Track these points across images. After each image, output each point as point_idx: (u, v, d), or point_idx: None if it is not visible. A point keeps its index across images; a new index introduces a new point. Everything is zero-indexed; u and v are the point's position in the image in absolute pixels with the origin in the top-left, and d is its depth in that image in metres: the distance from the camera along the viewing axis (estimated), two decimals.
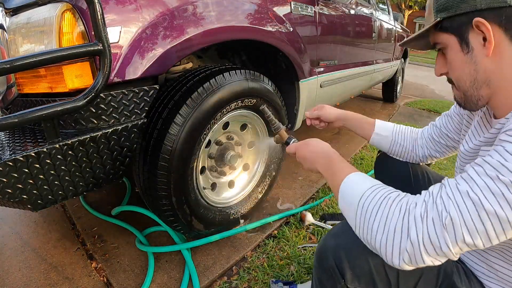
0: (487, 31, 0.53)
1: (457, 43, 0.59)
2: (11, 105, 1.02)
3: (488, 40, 0.54)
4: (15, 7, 0.88)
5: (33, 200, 0.80)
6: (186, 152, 1.04)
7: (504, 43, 0.54)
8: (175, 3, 0.98)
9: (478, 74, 0.58)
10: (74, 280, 1.15)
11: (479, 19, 0.53)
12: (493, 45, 0.54)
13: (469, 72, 0.59)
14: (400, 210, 0.51)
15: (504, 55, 0.54)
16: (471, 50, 0.57)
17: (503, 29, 0.53)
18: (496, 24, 0.53)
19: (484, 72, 0.57)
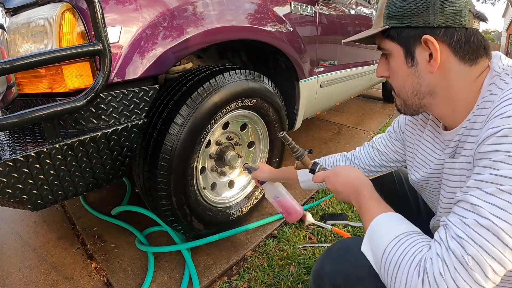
0: (435, 50, 0.53)
1: (402, 55, 0.58)
2: (11, 105, 1.02)
3: (434, 58, 0.54)
4: (15, 7, 0.88)
5: (33, 200, 0.80)
6: (186, 152, 1.04)
7: (451, 61, 0.54)
8: (175, 3, 0.98)
9: (421, 87, 0.58)
10: (74, 280, 1.15)
11: (428, 37, 0.53)
12: (438, 63, 0.54)
13: (411, 84, 0.59)
14: (418, 272, 0.45)
15: (452, 72, 0.55)
16: (415, 64, 0.57)
17: (452, 49, 0.53)
18: (446, 44, 0.53)
19: (427, 85, 0.57)
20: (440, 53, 0.53)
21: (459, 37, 0.53)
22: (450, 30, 0.53)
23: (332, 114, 3.29)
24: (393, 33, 0.58)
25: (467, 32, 0.53)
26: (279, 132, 0.90)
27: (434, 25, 0.53)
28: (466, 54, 0.54)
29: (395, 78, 0.62)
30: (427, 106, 0.60)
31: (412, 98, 0.60)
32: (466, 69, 0.54)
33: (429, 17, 0.53)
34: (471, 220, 0.43)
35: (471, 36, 0.53)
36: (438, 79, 0.56)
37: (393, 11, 0.57)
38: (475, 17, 0.54)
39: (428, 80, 0.57)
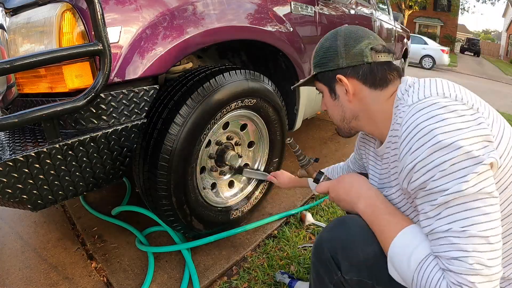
0: (346, 85, 0.69)
1: (327, 92, 0.75)
2: (11, 105, 1.02)
3: (347, 91, 0.69)
4: (15, 7, 0.88)
5: (33, 200, 0.80)
6: (186, 152, 1.04)
7: (363, 90, 0.68)
8: (175, 3, 0.98)
9: (346, 114, 0.73)
10: (74, 280, 1.15)
11: (339, 76, 0.69)
12: (352, 94, 0.69)
13: (338, 113, 0.75)
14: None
15: (366, 98, 0.69)
16: (337, 97, 0.73)
17: (361, 81, 0.68)
18: (355, 78, 0.68)
19: (350, 112, 0.72)
20: (352, 86, 0.69)
21: (364, 71, 0.67)
22: (356, 67, 0.67)
23: None
24: (319, 77, 0.75)
25: (371, 66, 0.67)
26: (287, 138, 0.94)
27: (343, 66, 0.68)
28: (374, 82, 0.67)
29: (328, 109, 0.78)
30: (356, 127, 0.75)
31: (341, 123, 0.76)
32: (377, 93, 0.68)
33: (338, 60, 0.69)
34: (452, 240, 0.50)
35: (375, 68, 0.67)
36: (357, 105, 0.70)
37: (316, 61, 0.74)
38: (379, 52, 0.67)
39: (350, 107, 0.72)
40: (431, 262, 0.53)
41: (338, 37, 0.70)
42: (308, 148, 2.39)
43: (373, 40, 0.68)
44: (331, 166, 1.16)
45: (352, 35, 0.69)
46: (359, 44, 0.67)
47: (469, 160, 0.49)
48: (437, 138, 0.51)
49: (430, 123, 0.52)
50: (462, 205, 0.49)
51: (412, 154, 0.54)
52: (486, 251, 0.47)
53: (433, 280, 0.51)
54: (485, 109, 0.57)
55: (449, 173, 0.50)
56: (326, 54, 0.71)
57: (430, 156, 0.51)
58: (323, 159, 2.21)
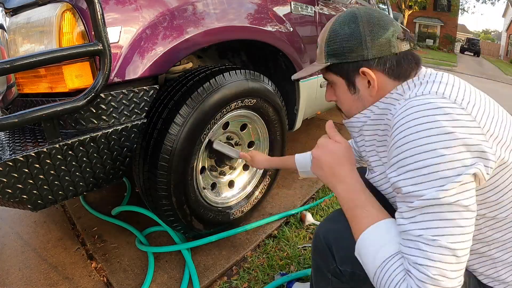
0: (372, 79, 0.62)
1: (345, 85, 0.67)
2: (11, 105, 1.02)
3: (372, 85, 0.63)
4: (15, 7, 0.88)
5: (33, 200, 0.80)
6: (186, 152, 1.04)
7: (387, 83, 0.63)
8: (175, 3, 0.99)
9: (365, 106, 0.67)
10: (74, 280, 1.15)
11: (365, 69, 0.62)
12: (376, 89, 0.63)
13: (357, 107, 0.68)
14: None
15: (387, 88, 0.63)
16: (357, 91, 0.66)
17: (387, 74, 0.62)
18: (380, 71, 0.62)
19: (370, 104, 0.66)
20: (377, 79, 0.62)
21: (391, 63, 0.61)
22: (383, 59, 0.61)
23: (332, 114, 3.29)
24: (334, 67, 0.66)
25: (398, 57, 0.61)
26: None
27: (369, 57, 0.61)
28: (399, 74, 0.62)
29: (343, 104, 0.71)
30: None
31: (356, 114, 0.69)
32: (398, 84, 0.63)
33: (363, 51, 0.61)
34: (419, 248, 0.49)
35: (401, 59, 0.62)
36: (378, 97, 0.64)
37: (332, 49, 0.65)
38: (403, 41, 0.62)
39: (371, 101, 0.65)
40: (396, 261, 0.52)
41: (361, 23, 0.61)
42: (308, 148, 2.38)
43: (397, 27, 0.62)
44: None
45: (377, 21, 0.61)
46: (386, 32, 0.60)
47: (453, 170, 0.48)
48: (425, 140, 0.49)
49: (420, 122, 0.51)
50: (438, 214, 0.48)
51: (397, 148, 0.53)
52: (451, 263, 0.47)
53: (394, 280, 0.50)
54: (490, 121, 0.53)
55: (430, 180, 0.49)
56: (348, 42, 0.62)
57: (414, 157, 0.50)
58: None
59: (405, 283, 0.49)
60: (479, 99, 0.55)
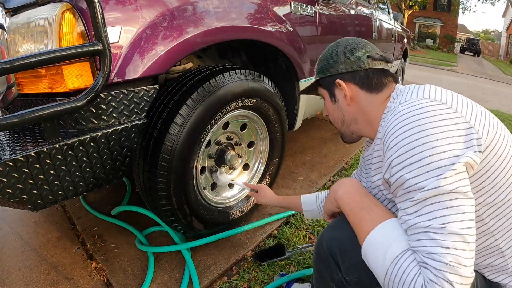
0: (344, 89, 0.75)
1: (328, 96, 0.81)
2: (11, 105, 1.02)
3: (346, 95, 0.75)
4: (15, 7, 0.88)
5: (33, 200, 0.80)
6: (186, 152, 1.04)
7: (360, 94, 0.74)
8: (175, 3, 0.98)
9: (345, 117, 0.79)
10: (74, 280, 1.15)
11: (338, 80, 0.75)
12: (349, 98, 0.75)
13: (338, 116, 0.81)
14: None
15: (363, 101, 0.74)
16: (337, 101, 0.79)
17: (359, 85, 0.74)
18: (352, 83, 0.74)
19: (349, 114, 0.77)
20: (350, 90, 0.75)
21: (361, 76, 0.73)
22: (354, 73, 0.74)
23: None
24: (321, 82, 0.82)
25: (367, 71, 0.73)
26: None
27: (342, 71, 0.75)
28: (370, 86, 0.73)
29: (329, 114, 0.84)
30: (356, 131, 0.80)
31: (342, 127, 0.82)
32: (373, 96, 0.73)
33: (338, 67, 0.75)
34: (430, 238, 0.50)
35: (371, 73, 0.73)
36: (355, 108, 0.76)
37: (319, 67, 0.81)
38: (375, 60, 0.73)
39: (348, 111, 0.77)
40: (409, 257, 0.52)
41: (339, 46, 0.77)
42: (308, 148, 2.39)
43: (371, 49, 0.75)
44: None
45: (351, 44, 0.76)
46: (357, 52, 0.74)
47: (447, 160, 0.50)
48: (415, 136, 0.53)
49: (408, 122, 0.55)
50: (441, 203, 0.50)
51: (391, 149, 0.56)
52: (464, 250, 0.48)
53: (409, 275, 0.50)
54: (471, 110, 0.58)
55: (427, 171, 0.51)
56: (328, 61, 0.78)
57: (407, 153, 0.53)
58: (323, 159, 2.21)
59: (422, 276, 0.49)
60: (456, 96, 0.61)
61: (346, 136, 0.83)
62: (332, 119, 0.84)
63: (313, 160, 2.17)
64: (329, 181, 1.91)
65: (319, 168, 2.06)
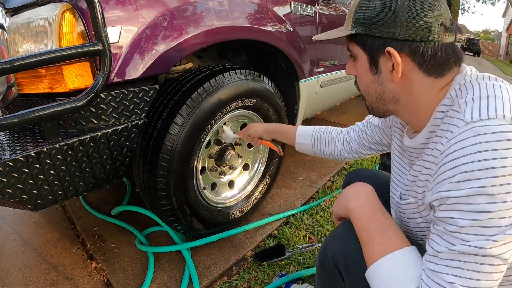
0: (397, 63, 0.53)
1: (367, 62, 0.58)
2: (11, 105, 1.02)
3: (395, 70, 0.54)
4: (15, 7, 0.88)
5: (33, 200, 0.80)
6: (186, 152, 1.04)
7: (415, 73, 0.54)
8: (175, 3, 0.98)
9: (384, 94, 0.59)
10: (74, 280, 1.15)
11: (391, 49, 0.53)
12: (399, 75, 0.54)
13: (375, 90, 0.60)
14: None
15: (415, 83, 0.55)
16: (379, 72, 0.57)
17: (416, 63, 0.53)
18: (409, 57, 0.53)
19: (390, 93, 0.58)
20: (404, 65, 0.54)
21: (424, 51, 0.52)
22: (415, 44, 0.52)
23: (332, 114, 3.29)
24: (359, 38, 0.58)
25: (435, 46, 0.52)
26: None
27: (399, 37, 0.52)
28: (431, 67, 0.53)
29: (361, 82, 0.63)
30: (392, 111, 0.62)
31: (376, 103, 0.62)
32: (430, 81, 0.55)
33: (395, 28, 0.52)
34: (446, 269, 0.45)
35: (439, 50, 0.52)
36: (401, 88, 0.57)
37: (360, 16, 0.56)
38: (447, 31, 0.52)
39: (391, 88, 0.58)
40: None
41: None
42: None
43: (445, 11, 0.53)
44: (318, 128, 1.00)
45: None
46: (429, 14, 0.51)
47: (508, 219, 0.43)
48: (488, 182, 0.43)
49: (486, 158, 0.43)
50: (477, 265, 0.44)
51: (453, 184, 0.46)
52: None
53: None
54: None
55: (482, 226, 0.43)
56: (381, 12, 0.53)
57: (472, 197, 0.44)
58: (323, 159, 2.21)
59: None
60: None
61: (377, 112, 0.64)
62: (364, 90, 0.63)
63: (313, 160, 2.17)
64: (329, 181, 1.91)
65: (319, 168, 2.06)
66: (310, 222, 1.48)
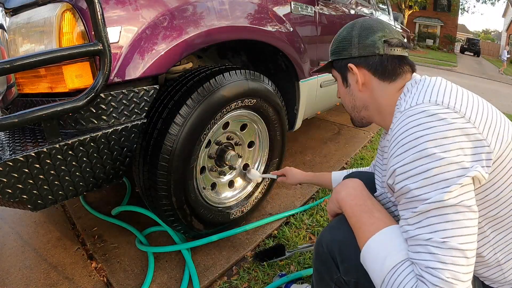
0: (356, 74, 0.72)
1: (340, 79, 0.78)
2: (11, 105, 1.02)
3: (358, 80, 0.72)
4: (15, 7, 0.88)
5: (33, 200, 0.80)
6: (186, 152, 1.04)
7: (372, 80, 0.71)
8: (175, 3, 0.98)
9: (356, 102, 0.76)
10: (74, 280, 1.15)
11: (351, 64, 0.72)
12: (361, 84, 0.72)
13: (349, 101, 0.78)
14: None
15: (375, 89, 0.71)
16: (349, 85, 0.76)
17: (371, 72, 0.70)
18: (365, 68, 0.71)
19: (360, 101, 0.75)
20: (362, 76, 0.71)
21: (374, 62, 0.69)
22: (367, 58, 0.70)
23: (332, 114, 3.29)
24: (334, 64, 0.78)
25: (382, 58, 0.69)
26: None
27: (355, 55, 0.71)
28: (383, 74, 0.69)
29: (341, 97, 0.82)
30: (366, 117, 0.77)
31: (352, 112, 0.79)
32: (386, 85, 0.70)
33: (351, 50, 0.72)
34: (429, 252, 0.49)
35: (385, 60, 0.69)
36: (366, 95, 0.73)
37: (333, 49, 0.77)
38: (392, 46, 0.68)
39: (359, 96, 0.75)
40: (407, 267, 0.51)
41: (354, 28, 0.73)
42: (308, 148, 2.39)
43: (388, 33, 0.70)
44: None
45: (368, 26, 0.71)
46: (373, 36, 0.70)
47: (453, 172, 0.49)
48: (423, 146, 0.51)
49: (416, 130, 0.53)
50: (444, 216, 0.48)
51: (396, 157, 0.54)
52: (463, 265, 0.47)
53: (405, 287, 0.49)
54: (486, 117, 0.55)
55: (432, 183, 0.49)
56: (342, 43, 0.74)
57: (414, 162, 0.51)
58: (323, 159, 2.21)
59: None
60: (471, 100, 0.57)
61: (355, 121, 0.81)
62: (344, 103, 0.81)
63: (313, 160, 2.17)
64: None
65: (319, 168, 2.06)
66: (310, 222, 1.48)
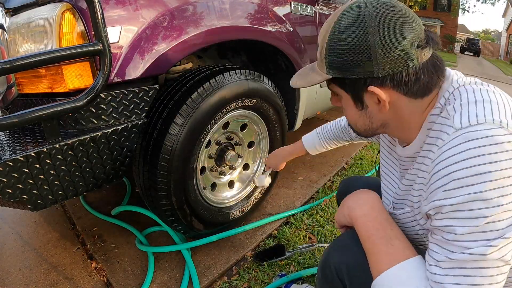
0: (382, 100, 0.52)
1: (351, 100, 0.57)
2: (11, 105, 1.02)
3: (382, 104, 0.53)
4: (15, 7, 0.88)
5: (33, 200, 0.80)
6: (186, 152, 1.04)
7: (401, 100, 0.52)
8: (175, 3, 0.99)
9: (374, 124, 0.58)
10: (74, 280, 1.15)
11: (374, 88, 0.51)
12: (387, 107, 0.53)
13: (363, 123, 0.59)
14: None
15: (402, 108, 0.54)
16: (365, 107, 0.56)
17: (402, 91, 0.51)
18: (394, 89, 0.51)
19: (380, 121, 0.57)
20: (390, 97, 0.52)
21: (407, 80, 0.50)
22: (397, 76, 0.50)
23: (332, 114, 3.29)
24: (338, 81, 0.56)
25: (416, 70, 0.49)
26: None
27: (379, 75, 0.49)
28: (417, 91, 0.51)
29: (348, 116, 0.61)
30: (380, 132, 0.62)
31: (365, 131, 0.61)
32: (417, 102, 0.53)
33: (372, 67, 0.49)
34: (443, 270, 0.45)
35: (421, 73, 0.50)
36: (389, 115, 0.55)
37: (333, 61, 0.53)
38: (424, 49, 0.49)
39: (380, 117, 0.56)
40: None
41: (370, 29, 0.48)
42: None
43: (417, 28, 0.49)
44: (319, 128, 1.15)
45: (391, 25, 0.48)
46: (403, 42, 0.48)
47: (505, 221, 0.42)
48: (481, 187, 0.42)
49: (477, 164, 0.43)
50: (478, 270, 0.44)
51: (447, 192, 0.45)
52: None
53: None
54: None
55: (481, 231, 0.43)
56: (354, 54, 0.50)
57: (467, 204, 0.43)
58: (323, 159, 2.21)
59: None
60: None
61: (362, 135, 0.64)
62: (352, 122, 0.62)
63: (313, 160, 2.17)
64: (329, 181, 1.91)
65: (319, 168, 2.06)
66: (310, 222, 1.48)
